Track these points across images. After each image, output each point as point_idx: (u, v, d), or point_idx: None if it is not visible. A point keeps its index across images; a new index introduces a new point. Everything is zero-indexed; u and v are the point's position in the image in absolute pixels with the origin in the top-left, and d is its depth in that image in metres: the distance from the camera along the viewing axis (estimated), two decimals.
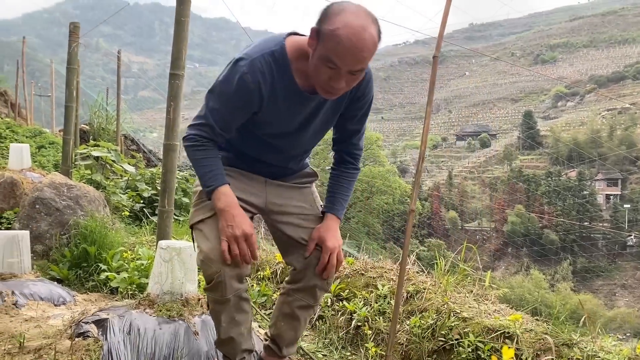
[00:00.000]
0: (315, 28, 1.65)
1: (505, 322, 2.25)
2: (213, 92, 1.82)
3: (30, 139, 10.94)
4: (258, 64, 1.72)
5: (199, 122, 1.84)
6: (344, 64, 1.60)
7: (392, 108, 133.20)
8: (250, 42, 1.85)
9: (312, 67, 1.67)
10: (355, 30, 1.56)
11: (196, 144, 1.84)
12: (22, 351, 2.45)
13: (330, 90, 1.69)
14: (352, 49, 1.57)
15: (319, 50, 1.62)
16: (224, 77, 1.77)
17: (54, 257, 4.30)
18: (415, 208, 1.71)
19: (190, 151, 1.86)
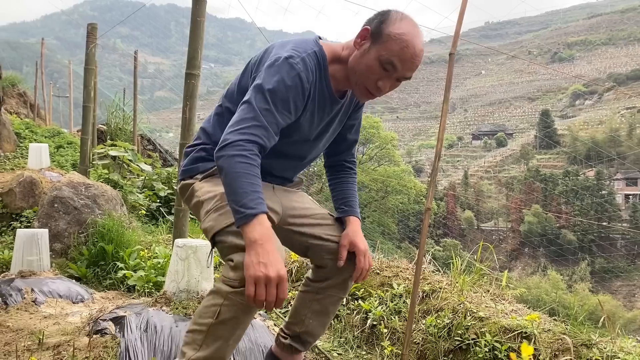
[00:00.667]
0: (370, 29, 1.69)
1: (523, 322, 2.23)
2: (260, 92, 1.62)
3: (49, 139, 11.09)
4: (310, 63, 1.69)
5: (249, 124, 1.58)
6: (404, 67, 1.67)
7: (407, 107, 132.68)
8: (269, 43, 1.86)
9: (363, 67, 1.69)
10: (419, 39, 1.68)
11: (244, 153, 1.55)
12: (42, 347, 2.48)
13: (374, 92, 1.73)
14: (414, 55, 1.66)
15: (377, 50, 1.66)
16: (277, 75, 1.62)
17: (72, 256, 4.35)
18: (431, 206, 1.69)
19: (233, 161, 1.54)
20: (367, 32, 1.70)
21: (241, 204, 1.50)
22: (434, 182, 1.72)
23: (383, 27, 1.66)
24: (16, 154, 8.83)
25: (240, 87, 1.83)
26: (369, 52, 1.68)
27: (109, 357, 2.27)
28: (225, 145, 1.56)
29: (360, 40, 1.71)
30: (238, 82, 1.86)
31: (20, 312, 3.07)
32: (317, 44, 1.76)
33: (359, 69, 1.70)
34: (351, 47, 1.76)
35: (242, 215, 1.50)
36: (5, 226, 4.96)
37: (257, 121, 1.59)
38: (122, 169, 6.35)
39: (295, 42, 1.75)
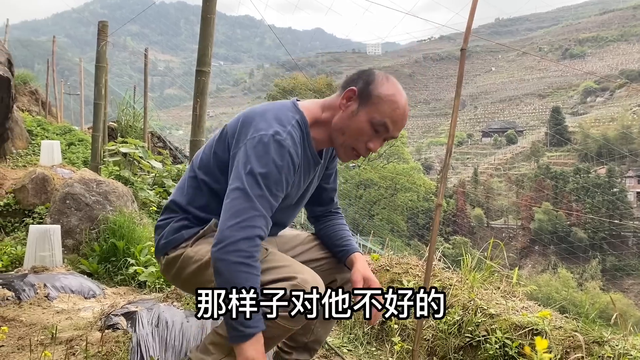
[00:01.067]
0: (357, 90, 1.68)
1: (534, 319, 2.22)
2: (252, 176, 1.52)
3: (60, 136, 11.16)
4: (296, 136, 1.63)
5: (247, 216, 1.48)
6: (395, 128, 1.68)
7: (417, 105, 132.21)
8: (279, 40, 1.84)
9: (353, 130, 1.67)
10: (405, 98, 1.70)
11: (247, 261, 1.45)
12: (55, 342, 2.50)
13: (363, 153, 1.72)
14: (404, 115, 1.69)
15: (368, 112, 1.65)
16: (266, 156, 1.54)
17: (84, 252, 4.39)
18: (442, 203, 1.69)
19: (235, 270, 1.44)
20: (353, 93, 1.68)
21: (241, 321, 1.42)
22: (445, 179, 1.72)
23: (371, 88, 1.66)
24: (28, 151, 8.91)
25: (217, 159, 1.71)
26: (357, 114, 1.66)
27: (120, 351, 2.30)
28: (226, 246, 1.45)
29: (346, 102, 1.68)
30: (213, 152, 1.74)
31: (33, 307, 3.10)
32: (297, 110, 1.71)
33: (348, 131, 1.68)
34: (333, 108, 1.73)
35: (240, 333, 1.43)
36: (18, 222, 5.01)
37: (255, 211, 1.50)
38: (133, 166, 6.39)
39: (275, 112, 1.66)
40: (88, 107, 19.13)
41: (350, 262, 1.86)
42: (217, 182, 1.70)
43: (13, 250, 4.29)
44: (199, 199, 1.74)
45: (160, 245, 1.79)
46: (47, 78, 16.60)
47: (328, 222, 1.99)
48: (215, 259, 1.47)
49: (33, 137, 9.96)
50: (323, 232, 1.99)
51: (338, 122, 1.70)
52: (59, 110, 16.66)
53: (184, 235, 1.73)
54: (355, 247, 1.92)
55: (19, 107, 11.27)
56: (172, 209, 1.80)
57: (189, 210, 1.75)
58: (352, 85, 1.69)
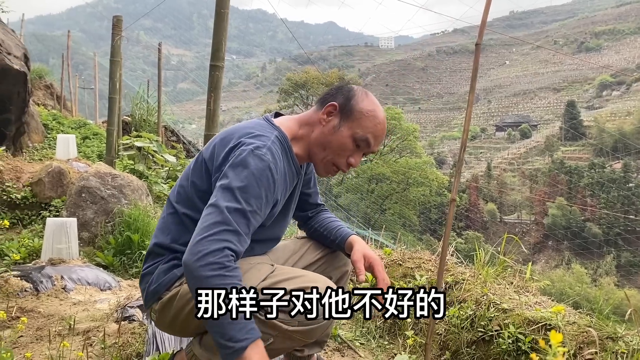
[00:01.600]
0: (337, 104, 1.68)
1: (547, 314, 2.22)
2: (228, 190, 1.47)
3: (75, 130, 11.29)
4: (276, 151, 1.59)
5: (216, 229, 1.41)
6: (376, 143, 1.70)
7: (430, 98, 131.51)
8: (291, 34, 1.84)
9: (335, 145, 1.67)
10: (384, 115, 1.73)
11: (221, 264, 1.38)
12: (72, 333, 2.55)
13: (344, 168, 1.72)
14: (384, 130, 1.71)
15: (350, 128, 1.66)
16: (245, 170, 1.49)
17: (99, 244, 4.44)
18: (456, 197, 1.70)
19: (211, 276, 1.36)
20: (334, 108, 1.68)
21: (228, 337, 1.35)
22: (459, 173, 1.72)
23: (353, 103, 1.67)
24: (44, 145, 9.02)
25: (196, 189, 1.65)
26: (339, 129, 1.66)
27: (137, 342, 2.33)
28: (195, 261, 1.38)
29: (327, 117, 1.69)
30: (191, 182, 1.67)
31: (50, 299, 3.16)
32: (273, 126, 1.68)
33: (329, 147, 1.68)
34: (311, 124, 1.72)
35: (231, 350, 1.35)
36: (35, 215, 5.08)
37: (226, 225, 1.43)
38: (147, 159, 6.44)
39: (252, 130, 1.62)
40: (102, 101, 19.31)
41: (349, 245, 1.87)
42: (198, 212, 1.59)
43: (30, 243, 4.36)
44: (184, 235, 1.62)
45: (151, 292, 1.66)
46: (62, 72, 16.76)
47: (317, 219, 2.00)
48: (188, 278, 1.40)
49: (49, 131, 10.08)
50: (314, 230, 1.98)
51: (319, 137, 1.69)
52: (74, 104, 16.84)
53: (176, 274, 1.64)
54: (350, 231, 1.92)
55: (35, 101, 11.40)
56: (157, 252, 1.70)
57: (176, 248, 1.66)
58: (331, 101, 1.70)
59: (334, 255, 1.96)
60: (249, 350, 1.34)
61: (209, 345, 1.59)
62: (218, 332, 1.36)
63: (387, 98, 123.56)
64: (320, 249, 1.96)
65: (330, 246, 1.96)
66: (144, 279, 1.71)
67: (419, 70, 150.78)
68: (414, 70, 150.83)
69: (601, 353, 1.95)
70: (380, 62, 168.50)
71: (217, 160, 1.58)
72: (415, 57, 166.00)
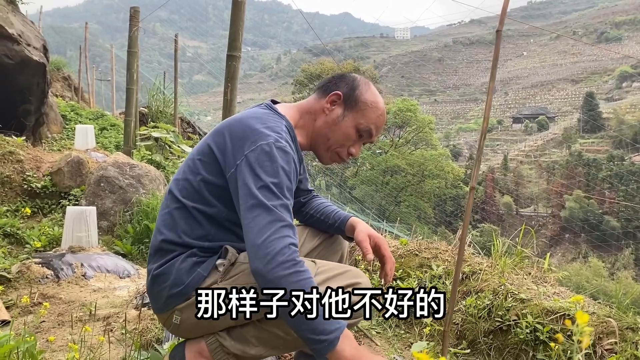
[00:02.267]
0: (341, 94, 1.68)
1: (566, 304, 2.20)
2: (267, 189, 1.45)
3: (93, 121, 11.41)
4: (290, 142, 1.58)
5: (274, 228, 1.40)
6: (377, 133, 1.72)
7: (446, 90, 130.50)
8: (307, 25, 1.82)
9: (339, 135, 1.68)
10: (384, 105, 1.74)
11: (292, 261, 1.37)
12: (93, 318, 2.59)
13: (345, 158, 1.73)
14: (384, 121, 1.73)
15: (354, 118, 1.67)
16: (274, 164, 1.47)
17: (118, 233, 4.50)
18: (475, 185, 1.69)
19: (286, 275, 1.35)
20: (338, 98, 1.68)
21: (320, 331, 1.34)
22: (479, 161, 1.71)
23: (357, 94, 1.67)
24: (62, 135, 9.14)
25: (207, 182, 1.59)
26: (344, 119, 1.67)
27: (156, 328, 2.36)
28: (267, 264, 1.36)
29: (330, 106, 1.68)
30: (201, 177, 1.60)
31: (71, 285, 3.21)
32: (280, 115, 1.66)
33: (333, 136, 1.68)
34: (313, 112, 1.71)
35: (326, 343, 1.34)
36: (54, 204, 5.16)
37: (280, 221, 1.41)
38: (164, 150, 6.50)
39: (262, 120, 1.58)
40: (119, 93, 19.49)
41: (350, 227, 1.83)
42: (210, 206, 1.59)
43: (50, 231, 4.43)
44: (197, 230, 1.60)
45: (175, 294, 1.57)
46: (79, 64, 16.92)
47: (311, 205, 1.96)
48: (264, 282, 1.37)
49: (67, 122, 10.21)
50: (310, 217, 1.95)
51: (323, 127, 1.69)
52: (91, 95, 17.00)
53: (202, 274, 1.57)
54: (348, 214, 1.89)
55: (53, 93, 11.53)
56: (166, 249, 1.61)
57: (190, 243, 1.60)
58: (333, 90, 1.69)
59: (331, 239, 1.94)
60: (342, 339, 1.35)
61: (241, 336, 1.57)
62: (307, 329, 1.34)
63: (402, 89, 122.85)
64: (318, 235, 1.94)
65: (327, 231, 1.92)
66: (158, 280, 1.60)
67: (435, 61, 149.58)
68: (430, 61, 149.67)
69: (621, 343, 1.94)
70: (396, 53, 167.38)
71: (231, 153, 1.53)
72: (432, 47, 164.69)
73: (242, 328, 1.56)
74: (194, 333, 1.63)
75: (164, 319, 1.65)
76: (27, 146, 5.84)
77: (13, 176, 5.16)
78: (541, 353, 2.13)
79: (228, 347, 1.58)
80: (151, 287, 1.64)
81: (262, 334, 1.56)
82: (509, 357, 2.27)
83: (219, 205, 1.59)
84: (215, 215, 1.60)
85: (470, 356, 2.40)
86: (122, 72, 6.41)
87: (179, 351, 1.64)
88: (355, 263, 3.26)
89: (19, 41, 6.86)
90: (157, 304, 1.64)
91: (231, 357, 1.59)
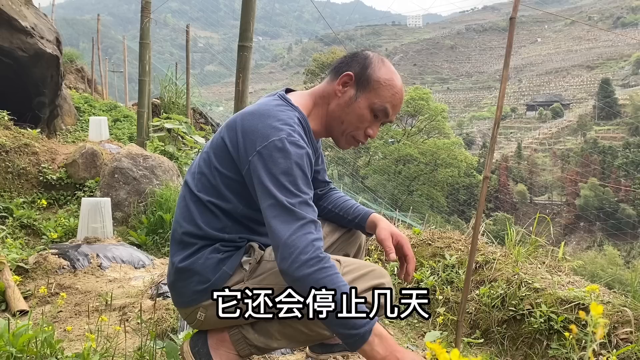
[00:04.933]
0: (353, 74, 1.61)
1: (580, 293, 2.19)
2: (282, 186, 1.43)
3: (106, 112, 11.49)
4: (302, 133, 1.54)
5: (296, 226, 1.39)
6: (394, 112, 1.62)
7: (459, 78, 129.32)
8: (318, 14, 1.78)
9: (354, 117, 1.61)
10: (402, 83, 1.64)
11: (317, 258, 1.36)
12: (109, 308, 2.63)
13: (363, 140, 1.65)
14: (402, 100, 1.63)
15: (367, 98, 1.59)
16: (288, 160, 1.45)
17: (132, 224, 4.54)
18: (489, 175, 1.68)
19: (311, 272, 1.35)
20: (349, 78, 1.61)
21: (351, 325, 1.34)
22: (492, 150, 1.69)
23: (370, 72, 1.60)
24: (76, 127, 9.22)
25: (224, 177, 1.58)
26: (356, 100, 1.60)
27: (171, 318, 2.39)
28: (292, 264, 1.35)
29: (342, 87, 1.62)
30: (217, 170, 1.59)
31: (87, 276, 3.25)
32: (293, 106, 1.61)
33: (347, 119, 1.62)
34: (326, 96, 1.66)
35: (358, 336, 1.34)
36: (70, 195, 5.21)
37: (301, 219, 1.40)
38: (177, 141, 6.53)
39: (274, 113, 1.54)
40: (131, 85, 19.56)
41: (371, 224, 1.80)
42: (226, 201, 1.58)
43: (66, 222, 4.49)
44: (215, 222, 1.59)
45: (199, 291, 1.57)
46: (92, 56, 16.99)
47: (329, 199, 1.93)
48: (292, 281, 1.38)
49: (81, 114, 10.29)
50: (328, 211, 1.92)
51: (336, 110, 1.63)
52: (104, 87, 17.10)
53: (227, 272, 1.57)
54: (368, 209, 1.86)
55: (66, 85, 11.62)
56: (187, 242, 1.60)
57: (210, 235, 1.59)
58: (344, 70, 1.62)
59: (349, 233, 1.92)
60: (374, 331, 1.35)
61: (265, 330, 1.58)
62: (339, 325, 1.35)
63: (415, 78, 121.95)
64: (337, 230, 1.91)
65: (347, 226, 1.90)
66: (182, 275, 1.60)
67: (448, 49, 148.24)
68: (442, 49, 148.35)
69: (636, 333, 1.92)
70: (408, 41, 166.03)
71: (244, 150, 1.51)
72: (444, 35, 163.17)
73: (266, 322, 1.55)
74: (216, 327, 1.64)
75: (186, 314, 1.66)
76: (42, 138, 5.90)
77: (29, 168, 5.22)
78: (555, 342, 2.12)
79: (251, 340, 1.59)
80: (175, 281, 1.63)
81: (285, 329, 1.56)
82: (523, 347, 2.27)
83: (234, 200, 1.58)
84: (231, 210, 1.59)
85: (484, 345, 2.40)
86: (135, 63, 6.45)
87: (201, 338, 1.65)
88: (369, 252, 3.26)
89: (32, 34, 6.91)
90: (181, 298, 1.64)
91: (253, 349, 1.61)
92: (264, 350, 1.64)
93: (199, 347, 1.64)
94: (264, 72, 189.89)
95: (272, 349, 1.62)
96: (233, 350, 1.61)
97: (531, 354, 2.20)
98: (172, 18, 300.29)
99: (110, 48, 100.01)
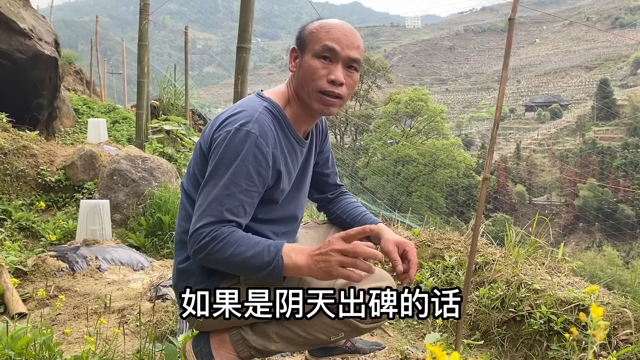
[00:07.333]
0: (295, 46, 1.65)
1: (580, 294, 2.19)
2: (216, 174, 1.48)
3: (105, 114, 11.47)
4: (266, 121, 1.55)
5: (203, 222, 1.45)
6: (342, 47, 1.57)
7: (457, 78, 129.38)
8: (316, 15, 1.80)
9: (307, 75, 1.58)
10: (340, 21, 1.63)
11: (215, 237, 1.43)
12: (108, 311, 2.62)
13: (332, 89, 1.58)
14: (345, 33, 1.58)
15: (308, 51, 1.59)
16: (232, 151, 1.48)
17: (131, 226, 4.53)
18: (489, 176, 1.67)
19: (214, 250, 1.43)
20: (294, 51, 1.64)
21: (264, 265, 1.42)
22: (492, 151, 1.69)
23: (304, 34, 1.62)
24: (75, 129, 9.20)
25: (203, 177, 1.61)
26: (303, 60, 1.60)
27: (170, 320, 2.38)
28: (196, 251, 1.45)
29: (293, 61, 1.65)
30: (195, 172, 1.65)
31: (86, 278, 3.24)
32: (262, 98, 1.64)
33: (304, 81, 1.59)
34: (290, 79, 1.69)
35: (273, 269, 1.42)
36: (68, 197, 5.20)
37: (221, 206, 1.45)
38: (176, 142, 6.52)
39: (238, 107, 1.59)
40: (130, 86, 19.55)
41: (375, 235, 1.79)
42: None
43: (65, 224, 4.48)
44: None
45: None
46: (91, 58, 16.99)
47: (339, 204, 1.95)
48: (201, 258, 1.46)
49: (79, 116, 10.27)
50: (336, 217, 1.93)
51: (296, 82, 1.64)
52: (103, 89, 17.10)
53: (223, 273, 1.61)
54: (376, 219, 1.87)
55: (65, 87, 11.60)
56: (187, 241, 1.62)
57: None
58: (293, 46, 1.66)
59: None
60: (285, 258, 1.41)
61: (263, 332, 1.60)
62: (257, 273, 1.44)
63: (413, 79, 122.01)
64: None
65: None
66: (182, 277, 1.66)
67: (447, 50, 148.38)
68: (441, 50, 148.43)
69: (636, 334, 1.92)
70: (406, 42, 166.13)
71: (207, 144, 1.57)
72: (443, 36, 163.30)
73: (264, 324, 1.58)
74: (215, 328, 1.67)
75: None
76: (40, 140, 5.89)
77: (27, 170, 5.21)
78: (555, 344, 2.12)
79: (250, 341, 1.61)
80: (177, 283, 1.68)
81: (283, 331, 1.58)
82: (523, 348, 2.27)
83: None
84: None
85: (484, 347, 2.39)
86: (133, 65, 6.44)
87: (204, 338, 1.67)
88: None
89: (30, 36, 6.90)
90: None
91: (252, 351, 1.63)
92: (263, 353, 1.64)
93: (201, 346, 1.66)
94: (262, 74, 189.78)
95: (270, 351, 1.62)
96: (233, 351, 1.64)
97: (531, 356, 2.20)
98: (170, 20, 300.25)
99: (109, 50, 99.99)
